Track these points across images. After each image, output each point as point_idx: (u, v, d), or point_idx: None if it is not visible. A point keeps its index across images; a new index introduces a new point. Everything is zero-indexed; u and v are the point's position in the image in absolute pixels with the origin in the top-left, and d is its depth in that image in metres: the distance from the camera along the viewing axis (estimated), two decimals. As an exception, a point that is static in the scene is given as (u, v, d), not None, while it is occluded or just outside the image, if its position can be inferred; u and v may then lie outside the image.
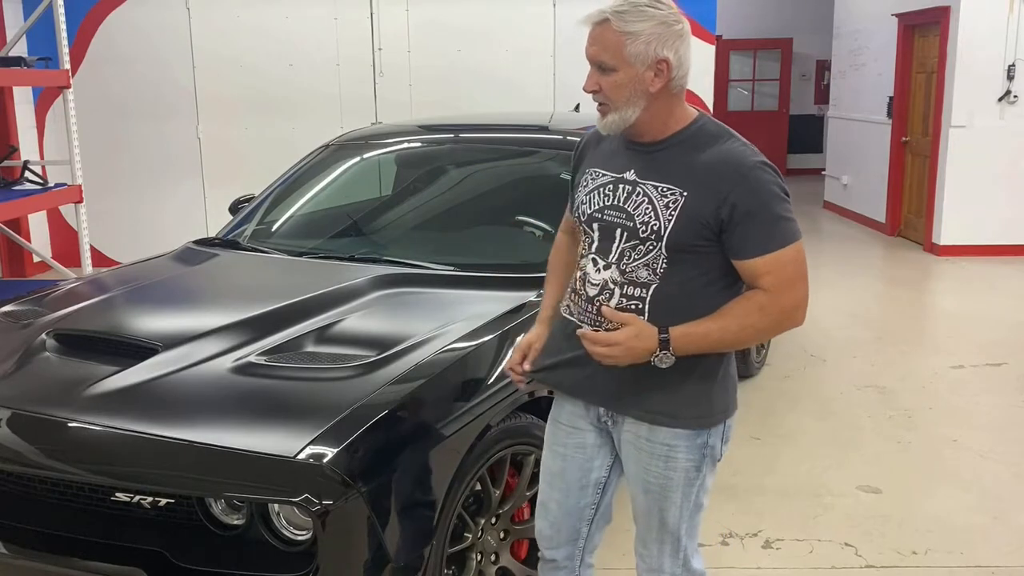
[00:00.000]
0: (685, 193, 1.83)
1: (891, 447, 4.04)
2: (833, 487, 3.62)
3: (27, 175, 5.73)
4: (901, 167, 8.88)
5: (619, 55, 1.81)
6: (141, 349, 2.45)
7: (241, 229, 3.67)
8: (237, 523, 2.11)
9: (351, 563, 2.04)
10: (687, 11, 2.06)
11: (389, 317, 2.77)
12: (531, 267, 2.81)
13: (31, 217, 7.09)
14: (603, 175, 1.96)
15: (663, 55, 1.81)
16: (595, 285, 1.91)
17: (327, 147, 4.05)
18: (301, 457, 1.99)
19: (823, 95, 12.85)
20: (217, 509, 2.11)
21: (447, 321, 2.63)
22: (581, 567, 2.18)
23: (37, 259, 6.93)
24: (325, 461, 1.99)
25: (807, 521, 3.35)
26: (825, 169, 10.84)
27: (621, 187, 1.91)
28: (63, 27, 5.63)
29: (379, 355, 2.40)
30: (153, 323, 2.78)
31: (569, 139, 3.53)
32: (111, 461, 2.15)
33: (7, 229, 6.18)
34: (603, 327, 1.87)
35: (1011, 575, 3.02)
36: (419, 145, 4.14)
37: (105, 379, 2.31)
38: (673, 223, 1.82)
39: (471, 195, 3.89)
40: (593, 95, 1.89)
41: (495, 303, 2.76)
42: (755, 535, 3.25)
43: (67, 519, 2.17)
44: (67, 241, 7.19)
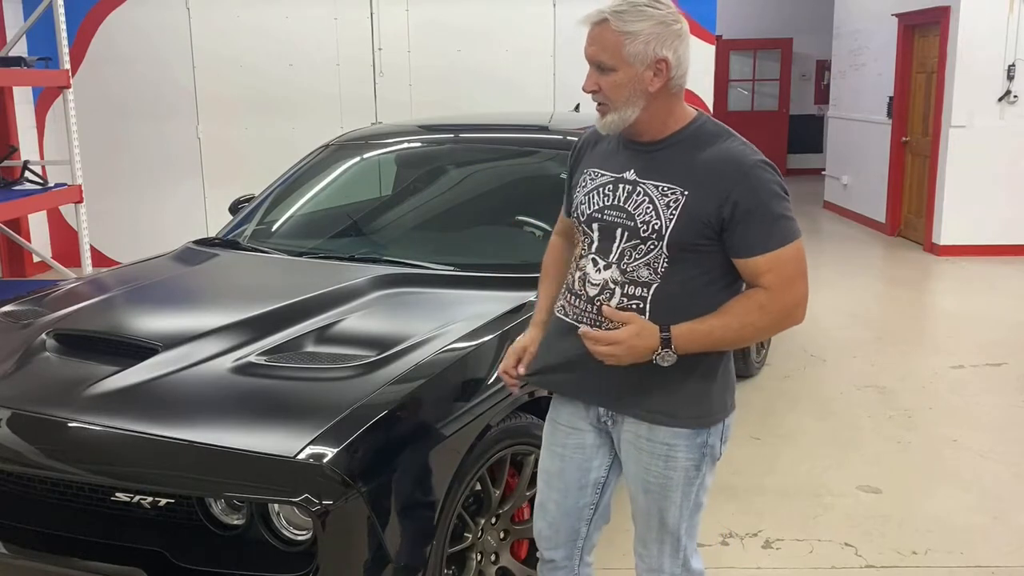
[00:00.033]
0: (686, 192, 1.83)
1: (891, 447, 4.04)
2: (833, 487, 3.62)
3: (27, 175, 5.73)
4: (901, 167, 8.88)
5: (618, 55, 1.81)
6: (141, 349, 2.45)
7: (241, 229, 3.67)
8: (237, 523, 2.11)
9: (351, 563, 2.04)
10: (687, 11, 2.06)
11: (389, 317, 2.77)
12: (531, 267, 2.78)
13: (31, 217, 7.09)
14: (602, 175, 1.96)
15: (662, 55, 1.81)
16: (595, 285, 1.91)
17: (327, 147, 4.05)
18: (301, 457, 1.99)
19: (823, 95, 12.85)
20: (217, 509, 2.11)
21: (447, 321, 2.63)
22: (580, 566, 2.18)
23: (37, 259, 6.93)
24: (325, 461, 1.99)
25: (807, 521, 3.36)
26: (825, 169, 10.84)
27: (621, 187, 1.91)
28: (63, 27, 5.63)
29: (379, 355, 2.40)
30: (153, 323, 2.78)
31: (569, 139, 3.52)
32: (111, 461, 2.15)
33: (7, 229, 6.18)
34: (603, 327, 1.87)
35: (1011, 575, 3.02)
36: (419, 145, 4.14)
37: (105, 379, 2.31)
38: (674, 222, 1.83)
39: (471, 195, 3.89)
40: (592, 95, 1.89)
41: (495, 303, 2.76)
42: (755, 535, 3.25)
43: (67, 519, 2.17)
44: (67, 241, 7.20)
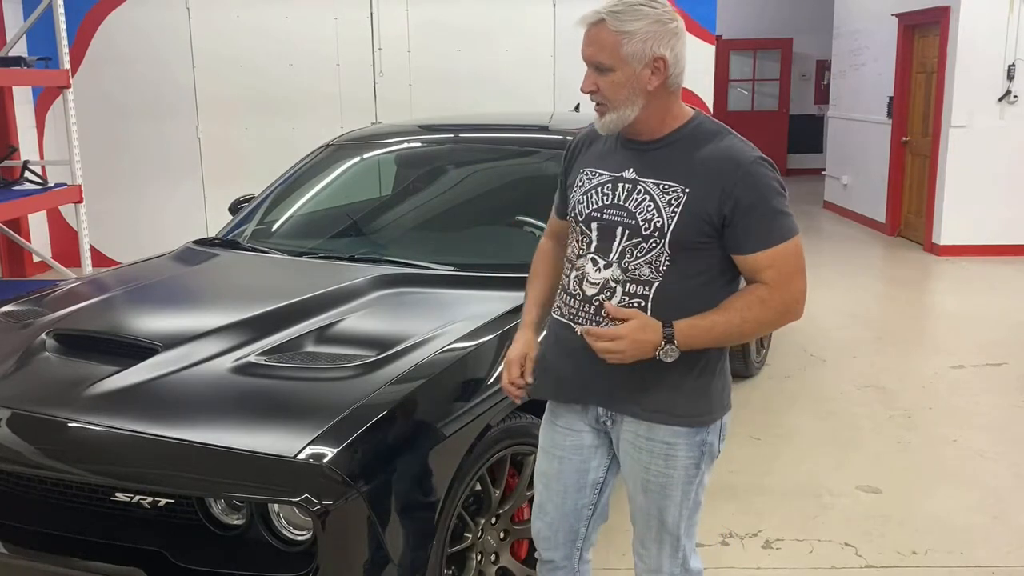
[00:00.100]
0: (687, 190, 1.83)
1: (891, 447, 4.04)
2: (833, 487, 3.62)
3: (27, 175, 5.73)
4: (901, 167, 8.88)
5: (616, 55, 1.81)
6: (141, 349, 2.45)
7: (241, 229, 3.67)
8: (237, 523, 2.11)
9: (351, 563, 2.04)
10: (687, 11, 2.07)
11: (389, 317, 2.77)
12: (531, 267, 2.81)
13: (31, 217, 7.09)
14: (600, 175, 1.96)
15: (660, 53, 1.81)
16: (594, 284, 1.91)
17: (327, 147, 4.05)
18: (301, 457, 1.99)
19: (823, 95, 12.85)
20: (217, 509, 2.11)
21: (447, 321, 2.63)
22: (580, 564, 2.18)
23: (37, 259, 6.93)
24: (325, 461, 1.99)
25: (807, 521, 3.35)
26: (825, 169, 10.84)
27: (621, 186, 1.91)
28: (63, 27, 5.63)
29: (379, 355, 2.40)
30: (153, 323, 2.78)
31: (569, 139, 3.52)
32: (111, 461, 2.15)
33: (7, 229, 6.18)
34: (603, 326, 1.86)
35: (1011, 575, 3.02)
36: (419, 145, 4.14)
37: (105, 379, 2.31)
38: (677, 220, 1.83)
39: (471, 195, 3.89)
40: (591, 96, 1.89)
41: (495, 303, 2.75)
42: (755, 535, 3.25)
43: (67, 519, 2.17)
44: (67, 241, 7.20)
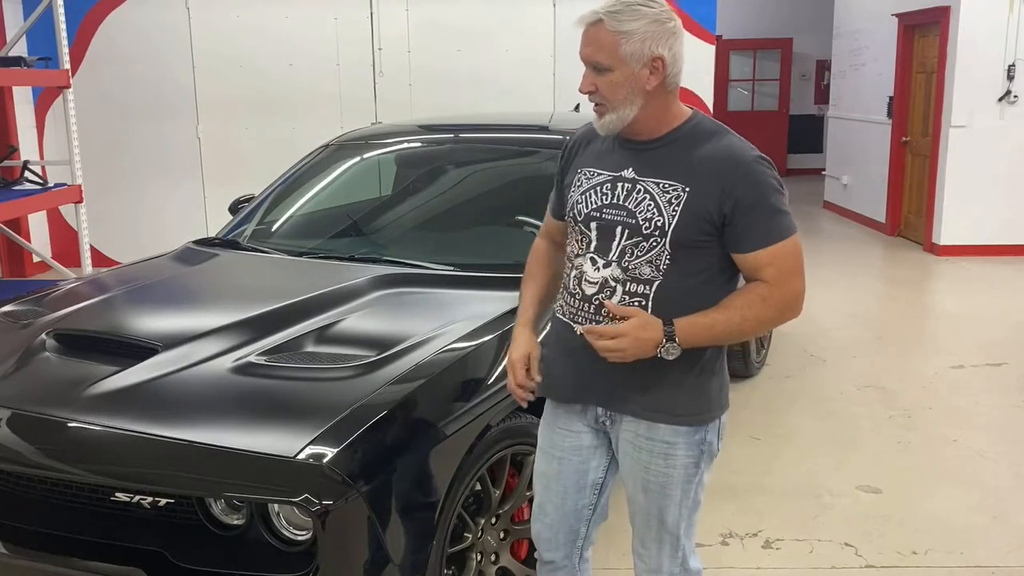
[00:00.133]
0: (688, 189, 1.84)
1: (891, 447, 4.04)
2: (833, 487, 3.62)
3: (27, 175, 5.73)
4: (901, 167, 8.88)
5: (614, 55, 1.81)
6: (141, 349, 2.45)
7: (241, 229, 3.67)
8: (237, 523, 2.11)
9: (351, 563, 2.04)
10: (687, 11, 2.07)
11: (389, 317, 2.77)
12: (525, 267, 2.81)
13: (31, 217, 7.10)
14: (598, 174, 1.96)
15: (658, 53, 1.81)
16: (593, 283, 1.91)
17: (327, 147, 4.05)
18: (301, 457, 1.99)
19: (823, 95, 12.85)
20: (217, 509, 2.11)
21: (447, 321, 2.63)
22: (580, 563, 2.18)
23: (37, 259, 6.93)
24: (325, 461, 1.99)
25: (807, 521, 3.35)
26: (825, 169, 10.84)
27: (620, 185, 1.91)
28: (63, 27, 5.63)
29: (379, 355, 2.40)
30: (153, 323, 2.78)
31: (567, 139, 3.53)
32: (111, 461, 2.15)
33: (7, 229, 6.18)
34: (604, 324, 1.86)
35: (1011, 575, 3.02)
36: (419, 145, 4.14)
37: (105, 379, 2.31)
38: (677, 218, 1.83)
39: (471, 195, 3.89)
40: (589, 96, 1.89)
41: (495, 303, 2.75)
42: (755, 535, 3.25)
43: (67, 519, 2.17)
44: (67, 241, 7.20)
